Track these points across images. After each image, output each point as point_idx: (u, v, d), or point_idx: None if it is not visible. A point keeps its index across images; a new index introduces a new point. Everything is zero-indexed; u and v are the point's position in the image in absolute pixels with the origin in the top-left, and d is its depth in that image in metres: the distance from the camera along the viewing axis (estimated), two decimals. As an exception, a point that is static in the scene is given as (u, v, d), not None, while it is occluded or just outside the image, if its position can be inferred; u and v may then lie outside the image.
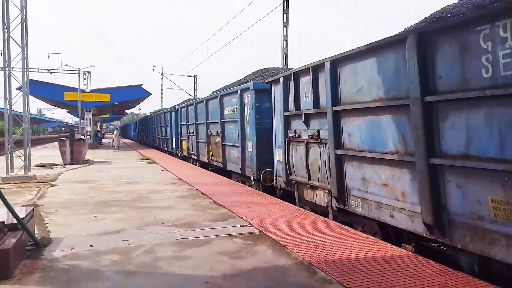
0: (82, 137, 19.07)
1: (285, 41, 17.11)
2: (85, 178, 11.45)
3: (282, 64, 17.09)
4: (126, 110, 49.60)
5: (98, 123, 45.45)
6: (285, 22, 17.04)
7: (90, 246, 4.72)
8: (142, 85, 31.81)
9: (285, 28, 17.06)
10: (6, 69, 10.80)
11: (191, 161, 16.84)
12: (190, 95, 34.33)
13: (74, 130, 23.98)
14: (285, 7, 17.01)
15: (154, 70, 61.18)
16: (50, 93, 29.95)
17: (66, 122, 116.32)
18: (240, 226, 5.67)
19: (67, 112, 55.38)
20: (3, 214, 4.38)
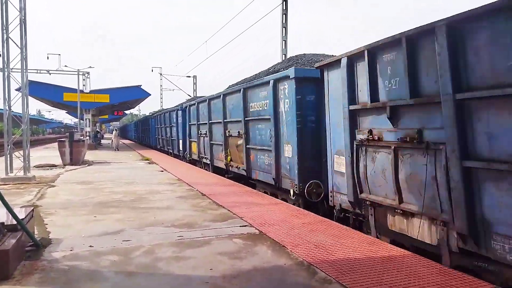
0: (82, 137, 19.07)
1: (284, 41, 17.11)
2: (84, 179, 11.44)
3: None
4: (125, 111, 49.63)
5: (98, 124, 45.43)
6: (284, 22, 17.04)
7: (90, 246, 4.72)
8: (141, 85, 31.81)
9: (284, 28, 17.06)
10: (5, 70, 10.79)
11: (203, 165, 14.92)
12: (190, 96, 34.33)
13: (74, 131, 23.95)
14: (284, 8, 17.02)
15: (153, 70, 60.83)
16: (49, 94, 29.93)
17: (66, 123, 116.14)
18: (240, 226, 5.67)
19: (67, 113, 55.33)
20: (3, 215, 4.38)
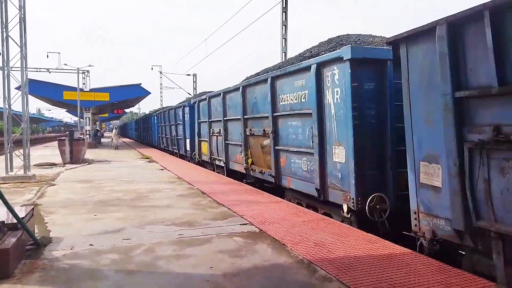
0: (81, 136, 19.08)
1: (284, 39, 17.09)
2: (84, 177, 11.44)
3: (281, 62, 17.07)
4: (125, 109, 49.58)
5: (98, 123, 45.46)
6: (284, 20, 17.03)
7: (90, 245, 4.72)
8: (141, 84, 31.79)
9: (284, 26, 17.05)
10: (5, 68, 10.78)
11: (215, 168, 13.25)
12: (190, 94, 34.31)
13: (73, 129, 23.95)
14: (283, 5, 17.00)
15: (153, 69, 60.70)
16: (49, 92, 29.91)
17: (65, 122, 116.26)
18: (240, 224, 5.67)
19: (66, 111, 55.29)
20: (3, 213, 4.38)
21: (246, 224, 5.70)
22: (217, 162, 12.84)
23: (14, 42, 11.02)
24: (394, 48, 4.91)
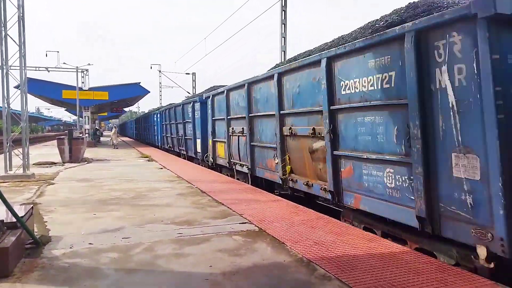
0: (81, 135, 19.07)
1: (283, 38, 17.07)
2: (84, 176, 11.43)
3: (281, 61, 17.05)
4: (124, 108, 49.58)
5: (97, 121, 45.43)
6: (283, 19, 17.01)
7: (90, 244, 4.72)
8: (140, 83, 31.79)
9: (283, 25, 17.03)
10: (4, 67, 10.77)
11: (235, 174, 11.15)
12: (189, 93, 34.29)
13: (73, 128, 23.95)
14: (283, 4, 16.98)
15: (152, 68, 60.63)
16: (48, 91, 29.91)
17: (65, 121, 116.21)
18: (239, 223, 5.67)
19: (65, 110, 55.24)
20: (2, 212, 4.39)
21: (245, 223, 5.70)
22: (238, 168, 10.78)
23: (13, 40, 11.03)
24: None
